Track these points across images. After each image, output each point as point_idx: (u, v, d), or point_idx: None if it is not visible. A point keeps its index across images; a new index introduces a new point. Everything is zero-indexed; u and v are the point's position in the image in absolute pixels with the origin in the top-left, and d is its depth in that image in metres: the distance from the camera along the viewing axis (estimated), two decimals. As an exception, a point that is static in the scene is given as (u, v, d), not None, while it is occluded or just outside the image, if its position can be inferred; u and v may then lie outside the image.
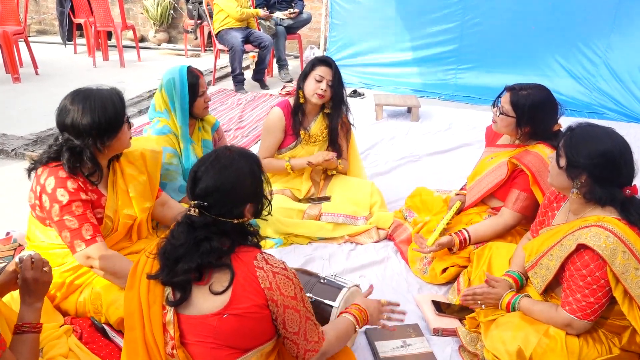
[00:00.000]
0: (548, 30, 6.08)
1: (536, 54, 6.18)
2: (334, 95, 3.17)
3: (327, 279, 2.23)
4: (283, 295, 1.56)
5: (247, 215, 1.62)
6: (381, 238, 3.21)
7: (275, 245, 3.08)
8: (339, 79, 3.15)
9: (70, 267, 2.17)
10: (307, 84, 3.16)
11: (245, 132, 5.22)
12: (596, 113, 5.88)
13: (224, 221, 1.57)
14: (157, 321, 1.57)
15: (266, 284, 1.54)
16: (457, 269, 2.71)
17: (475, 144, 4.75)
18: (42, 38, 9.90)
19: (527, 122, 2.62)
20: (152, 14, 9.28)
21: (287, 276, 1.59)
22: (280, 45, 7.10)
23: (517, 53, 6.23)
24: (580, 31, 5.96)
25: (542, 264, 2.02)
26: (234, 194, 1.58)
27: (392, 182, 4.04)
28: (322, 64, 3.13)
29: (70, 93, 2.08)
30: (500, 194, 2.75)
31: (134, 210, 2.27)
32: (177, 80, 2.82)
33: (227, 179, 1.57)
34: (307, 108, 3.28)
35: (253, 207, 1.64)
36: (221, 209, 1.57)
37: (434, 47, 6.57)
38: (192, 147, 2.96)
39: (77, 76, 6.99)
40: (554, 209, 2.21)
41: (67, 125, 2.03)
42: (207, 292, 1.54)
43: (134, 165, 2.32)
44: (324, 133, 3.33)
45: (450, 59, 6.55)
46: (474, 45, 6.39)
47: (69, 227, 2.04)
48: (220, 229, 1.57)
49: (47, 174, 2.05)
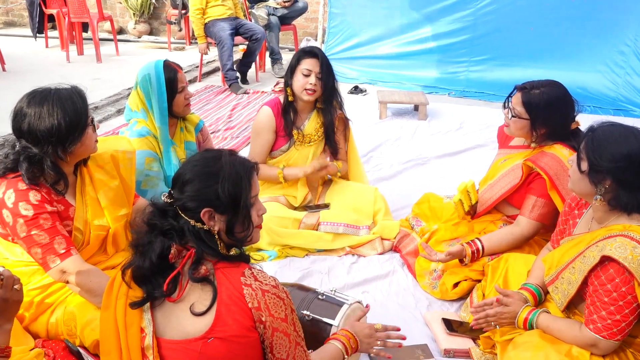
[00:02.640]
0: (569, 18, 6.09)
1: (556, 44, 6.19)
2: (325, 87, 3.19)
3: (326, 294, 2.23)
4: (272, 317, 1.55)
5: (209, 222, 1.59)
6: (386, 249, 3.21)
7: (268, 258, 3.08)
8: (328, 68, 3.17)
9: (39, 285, 2.16)
10: (295, 79, 3.18)
11: (235, 133, 5.24)
12: (622, 110, 5.88)
13: (183, 217, 1.58)
14: (135, 346, 1.56)
15: (254, 303, 1.53)
16: (470, 284, 2.71)
17: (489, 145, 4.76)
18: (10, 30, 9.92)
19: (543, 124, 2.62)
20: (131, 4, 9.30)
21: (277, 295, 1.57)
22: (274, 37, 7.12)
23: (535, 44, 6.25)
24: (606, 18, 5.95)
25: (564, 278, 2.02)
26: (189, 189, 1.59)
27: (398, 187, 4.04)
28: (307, 56, 3.16)
29: (26, 95, 2.07)
30: (515, 200, 2.76)
31: (106, 220, 2.27)
32: (152, 76, 2.83)
33: (192, 170, 1.61)
34: (299, 105, 3.29)
35: (222, 218, 1.60)
36: (179, 201, 1.59)
37: (443, 38, 6.59)
38: (174, 150, 2.96)
39: (48, 72, 7.00)
40: (575, 217, 2.21)
41: (23, 132, 2.02)
42: (187, 312, 1.54)
43: (103, 170, 2.31)
44: (319, 132, 3.34)
45: (461, 51, 6.57)
46: (488, 36, 6.40)
47: (40, 243, 2.03)
48: (179, 225, 1.58)
49: (6, 187, 2.04)
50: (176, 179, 1.64)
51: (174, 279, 1.55)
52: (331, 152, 3.41)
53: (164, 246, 1.56)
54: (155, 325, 1.57)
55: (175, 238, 1.58)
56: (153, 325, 1.56)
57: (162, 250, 1.55)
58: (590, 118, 3.23)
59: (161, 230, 1.58)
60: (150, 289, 1.56)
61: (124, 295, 1.61)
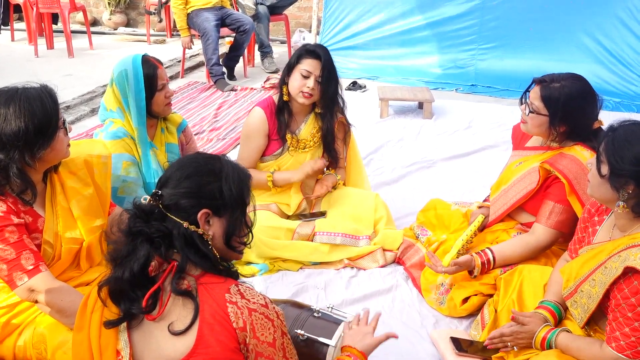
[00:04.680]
0: (587, 4, 6.11)
1: (573, 32, 6.23)
2: (324, 92, 3.18)
3: (321, 312, 2.23)
4: (257, 339, 1.53)
5: (204, 226, 1.60)
6: (388, 262, 3.21)
7: (259, 273, 3.08)
8: (330, 72, 3.15)
9: (5, 304, 2.15)
10: (292, 79, 3.17)
11: (222, 134, 5.24)
12: (647, 107, 5.92)
13: (172, 219, 1.57)
14: (111, 370, 1.56)
15: (239, 323, 1.52)
16: (481, 299, 2.71)
17: (500, 146, 4.77)
18: (-27, 22, 9.92)
19: (563, 121, 2.63)
20: (106, -8, 9.32)
21: (266, 315, 1.56)
22: (263, 29, 7.12)
23: (550, 32, 6.29)
24: (634, 5, 5.97)
25: (583, 292, 2.02)
26: (186, 184, 1.60)
27: (401, 193, 4.05)
28: (309, 56, 3.14)
29: None
30: (531, 207, 2.76)
31: (79, 232, 2.26)
32: (130, 72, 2.82)
33: (189, 165, 1.63)
34: (295, 107, 3.28)
35: (219, 223, 1.62)
36: (170, 200, 1.58)
37: (448, 23, 6.64)
38: (154, 153, 2.96)
39: (15, 69, 6.98)
40: (595, 224, 2.21)
41: None
42: (167, 332, 1.53)
43: (76, 176, 2.31)
44: (315, 137, 3.34)
45: (470, 37, 6.62)
46: (498, 20, 6.44)
47: (5, 258, 2.02)
48: (167, 228, 1.57)
49: None
50: (168, 177, 1.63)
51: (153, 294, 1.54)
52: (330, 162, 3.41)
53: (149, 255, 1.55)
54: (133, 347, 1.56)
55: (162, 246, 1.56)
56: (130, 348, 1.56)
57: (146, 259, 1.54)
58: (611, 115, 3.25)
59: (147, 236, 1.56)
60: (127, 306, 1.55)
61: (98, 314, 1.60)
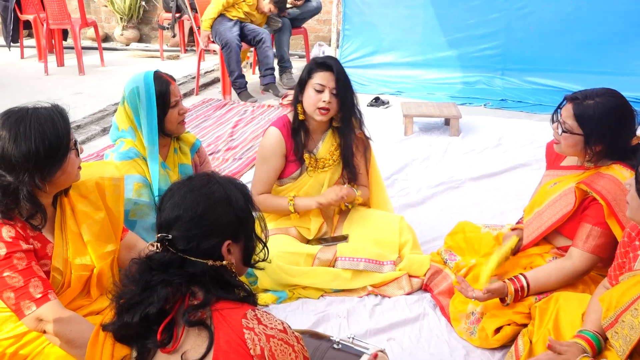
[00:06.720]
0: (621, 15, 6.10)
1: (605, 46, 6.23)
2: (342, 104, 3.19)
3: (342, 343, 2.21)
4: None
5: (228, 257, 1.62)
6: (414, 289, 3.19)
7: (277, 301, 3.08)
8: (345, 82, 3.17)
9: (12, 334, 2.17)
10: (306, 95, 3.18)
11: (238, 154, 5.27)
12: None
13: (194, 261, 1.58)
14: (124, 406, 1.56)
15: (256, 350, 1.51)
16: (514, 329, 2.68)
17: (533, 165, 4.75)
18: (-19, 40, 10.13)
19: (599, 140, 2.61)
20: (118, 7, 9.47)
21: (286, 341, 1.56)
22: (284, 42, 7.15)
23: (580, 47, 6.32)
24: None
25: (625, 322, 2.00)
26: (201, 223, 1.60)
27: (427, 215, 4.03)
28: (320, 68, 3.15)
29: (0, 115, 2.09)
30: (567, 230, 2.74)
31: (89, 258, 2.27)
32: (141, 89, 2.85)
33: (194, 201, 1.61)
34: (311, 125, 3.30)
35: (238, 248, 1.65)
36: (188, 244, 1.58)
37: (474, 42, 6.70)
38: (167, 174, 2.97)
39: (24, 86, 7.11)
40: (637, 249, 2.19)
41: None
42: None
43: (87, 200, 2.33)
44: (334, 155, 3.34)
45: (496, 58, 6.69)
46: (524, 42, 6.52)
47: (12, 286, 2.04)
48: (189, 272, 1.57)
49: None
50: (176, 218, 1.62)
51: (168, 326, 1.55)
52: (350, 179, 3.40)
53: (168, 296, 1.55)
54: None
55: (183, 287, 1.57)
56: None
57: (165, 301, 1.55)
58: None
59: (168, 282, 1.56)
60: (141, 345, 1.56)
61: (109, 348, 1.61)
